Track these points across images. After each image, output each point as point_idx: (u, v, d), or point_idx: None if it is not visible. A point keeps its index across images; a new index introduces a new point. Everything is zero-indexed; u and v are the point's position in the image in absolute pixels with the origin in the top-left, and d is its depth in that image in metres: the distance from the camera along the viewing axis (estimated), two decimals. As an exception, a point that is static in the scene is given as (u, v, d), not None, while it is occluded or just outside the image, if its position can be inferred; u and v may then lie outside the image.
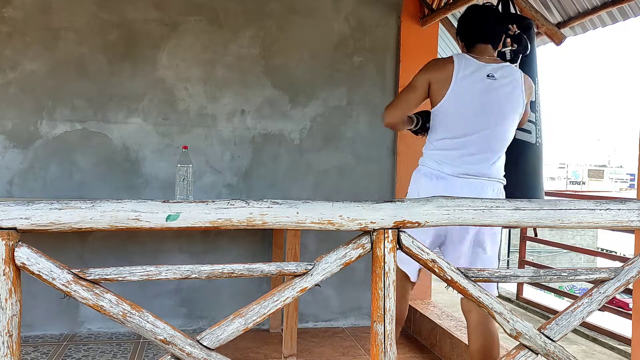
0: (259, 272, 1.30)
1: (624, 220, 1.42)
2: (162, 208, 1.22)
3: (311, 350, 3.23)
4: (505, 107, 2.11)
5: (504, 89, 2.10)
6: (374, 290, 1.33)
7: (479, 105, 2.09)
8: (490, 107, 2.09)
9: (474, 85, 2.08)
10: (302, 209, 1.28)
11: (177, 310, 3.47)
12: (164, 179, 3.43)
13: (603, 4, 2.93)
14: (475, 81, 2.08)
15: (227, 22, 3.51)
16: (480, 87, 2.08)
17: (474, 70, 2.09)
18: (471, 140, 2.10)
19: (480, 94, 2.09)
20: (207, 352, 1.26)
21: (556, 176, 44.04)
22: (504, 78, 2.11)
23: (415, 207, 1.33)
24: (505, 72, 2.13)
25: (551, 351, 1.42)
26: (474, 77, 2.08)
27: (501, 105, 2.10)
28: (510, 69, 2.15)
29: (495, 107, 2.10)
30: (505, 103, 2.11)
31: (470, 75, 2.08)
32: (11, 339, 1.16)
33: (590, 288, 1.47)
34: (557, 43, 2.97)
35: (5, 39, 3.26)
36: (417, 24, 3.79)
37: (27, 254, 1.17)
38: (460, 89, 2.08)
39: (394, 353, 1.34)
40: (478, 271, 1.40)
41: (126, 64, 3.40)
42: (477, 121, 2.09)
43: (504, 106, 2.11)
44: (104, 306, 1.20)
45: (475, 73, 2.09)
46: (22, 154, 3.31)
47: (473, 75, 2.09)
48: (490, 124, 2.10)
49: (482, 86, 2.08)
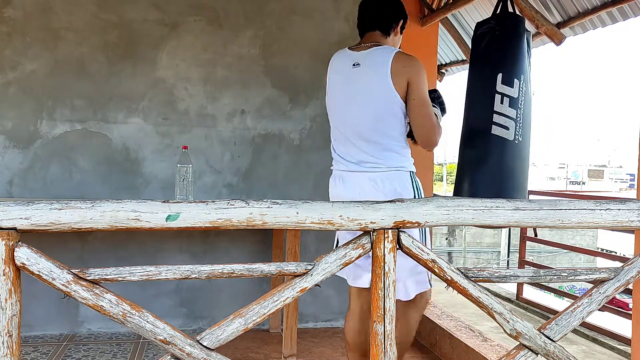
0: (259, 272, 1.30)
1: (624, 220, 1.42)
2: (162, 208, 1.22)
3: (311, 350, 3.23)
4: (369, 93, 2.03)
5: (368, 75, 2.03)
6: (374, 290, 1.33)
7: (344, 96, 2.08)
8: (354, 97, 2.05)
9: (340, 77, 2.10)
10: (302, 209, 1.29)
11: (177, 310, 3.47)
12: (164, 179, 3.43)
13: (603, 4, 2.93)
14: (341, 73, 2.09)
15: (227, 22, 3.51)
16: (343, 79, 2.08)
17: (343, 62, 2.10)
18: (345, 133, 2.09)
19: (344, 85, 2.08)
20: (207, 352, 1.26)
21: (556, 176, 44.02)
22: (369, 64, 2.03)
23: (415, 207, 1.33)
24: (374, 56, 2.04)
25: (551, 351, 1.42)
26: (340, 69, 2.10)
27: (365, 93, 2.03)
28: (380, 51, 2.04)
29: (359, 96, 2.04)
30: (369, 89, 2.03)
31: (338, 68, 2.11)
32: (11, 339, 1.16)
33: (590, 288, 1.47)
34: (557, 43, 2.97)
35: (5, 39, 3.26)
36: (417, 24, 3.79)
37: (27, 254, 1.17)
38: (330, 85, 2.13)
39: (394, 353, 1.34)
40: (478, 271, 1.40)
41: (126, 64, 3.40)
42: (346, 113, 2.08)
43: (368, 93, 2.03)
44: (104, 306, 1.20)
45: (343, 65, 2.09)
46: (22, 154, 3.31)
47: (340, 67, 2.10)
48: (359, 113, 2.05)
49: (346, 77, 2.07)
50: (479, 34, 2.83)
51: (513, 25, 2.75)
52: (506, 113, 2.66)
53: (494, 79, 2.69)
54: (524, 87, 2.72)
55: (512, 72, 2.71)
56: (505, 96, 2.67)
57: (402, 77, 1.99)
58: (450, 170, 35.06)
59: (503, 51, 2.73)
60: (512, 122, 2.67)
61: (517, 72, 2.72)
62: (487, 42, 2.77)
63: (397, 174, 2.05)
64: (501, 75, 2.69)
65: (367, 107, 2.04)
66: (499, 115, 2.66)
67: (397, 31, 2.16)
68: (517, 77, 2.70)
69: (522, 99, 2.71)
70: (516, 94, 2.69)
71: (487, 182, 2.72)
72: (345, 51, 2.14)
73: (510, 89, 2.68)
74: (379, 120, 2.04)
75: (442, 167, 34.62)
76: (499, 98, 2.67)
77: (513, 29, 2.74)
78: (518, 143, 2.68)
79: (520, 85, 2.70)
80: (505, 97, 2.67)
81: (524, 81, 2.73)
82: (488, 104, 2.68)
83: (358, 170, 2.06)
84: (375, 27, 2.12)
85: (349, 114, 2.08)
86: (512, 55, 2.72)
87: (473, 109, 2.82)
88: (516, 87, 2.69)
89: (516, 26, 2.75)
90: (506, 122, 2.66)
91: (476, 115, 2.78)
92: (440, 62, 4.70)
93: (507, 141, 2.66)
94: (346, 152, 2.10)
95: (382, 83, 2.00)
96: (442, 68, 4.80)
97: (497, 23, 2.78)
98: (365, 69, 2.04)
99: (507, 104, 2.67)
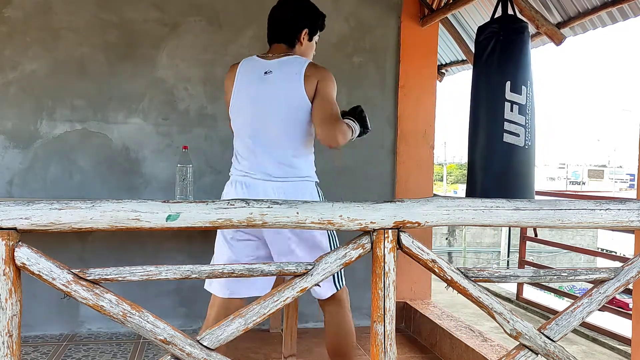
0: (259, 272, 1.30)
1: (624, 220, 1.42)
2: (162, 208, 1.22)
3: (311, 350, 3.23)
4: (281, 99, 2.01)
5: (281, 82, 2.01)
6: (374, 290, 1.33)
7: (254, 103, 2.03)
8: (265, 103, 2.02)
9: (249, 84, 2.05)
10: (302, 209, 1.29)
11: (177, 310, 3.47)
12: (164, 179, 3.43)
13: (603, 4, 2.92)
14: (251, 80, 2.05)
15: (227, 22, 3.50)
16: (253, 85, 2.04)
17: (252, 70, 2.06)
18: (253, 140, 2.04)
19: (254, 91, 2.04)
20: (207, 352, 1.26)
21: (556, 176, 44.02)
22: (283, 71, 2.02)
23: (415, 207, 1.33)
24: (286, 64, 2.04)
25: (551, 351, 1.42)
26: (249, 76, 2.05)
27: (277, 98, 2.01)
28: (293, 60, 2.04)
29: (271, 102, 2.01)
30: (281, 95, 2.01)
31: (247, 75, 2.06)
32: (11, 339, 1.16)
33: (590, 288, 1.47)
34: (557, 43, 2.97)
35: (5, 39, 3.26)
36: (417, 24, 3.79)
37: (27, 254, 1.17)
38: (236, 92, 2.06)
39: (394, 353, 1.34)
40: (478, 271, 1.40)
41: (126, 64, 3.40)
42: (255, 119, 2.04)
43: (279, 99, 2.01)
44: (104, 306, 1.20)
45: (252, 72, 2.06)
46: (22, 154, 3.31)
47: (250, 74, 2.06)
48: (269, 119, 2.02)
49: (256, 84, 2.03)
50: (483, 39, 2.85)
51: (518, 31, 2.78)
52: (516, 120, 2.72)
53: (503, 87, 2.74)
54: (530, 93, 2.77)
55: (520, 79, 2.75)
56: (514, 104, 2.73)
57: (312, 83, 2.00)
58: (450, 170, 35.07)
59: (510, 58, 2.77)
60: (522, 129, 2.73)
61: (524, 79, 2.76)
62: (492, 47, 2.80)
63: (303, 184, 2.05)
64: (509, 83, 2.73)
65: (278, 113, 2.01)
66: (510, 123, 2.73)
67: (302, 41, 2.13)
68: (524, 84, 2.75)
69: (529, 105, 2.76)
70: (524, 101, 2.73)
71: (499, 188, 2.77)
72: (253, 59, 2.10)
73: (518, 97, 2.73)
74: (289, 126, 2.02)
75: (442, 167, 34.62)
76: (509, 106, 2.73)
77: (518, 35, 2.77)
78: (527, 148, 2.75)
79: (528, 91, 2.75)
80: (515, 104, 2.73)
81: (530, 86, 2.77)
82: (498, 112, 2.75)
83: (264, 179, 2.02)
84: (280, 40, 2.11)
85: (258, 120, 2.03)
86: (518, 62, 2.76)
87: (483, 116, 2.87)
88: (524, 94, 2.74)
89: (521, 31, 2.78)
90: (517, 129, 2.72)
91: (487, 124, 2.83)
92: (440, 62, 4.70)
93: (518, 147, 2.72)
94: (252, 159, 2.04)
95: (294, 88, 1.99)
96: (442, 68, 4.79)
97: (501, 27, 2.79)
98: (278, 75, 2.02)
99: (517, 112, 2.73)
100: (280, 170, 2.02)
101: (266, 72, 2.03)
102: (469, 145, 2.94)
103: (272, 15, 2.14)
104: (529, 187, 2.80)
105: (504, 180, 2.78)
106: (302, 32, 2.11)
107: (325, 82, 2.01)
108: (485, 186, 2.83)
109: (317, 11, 2.17)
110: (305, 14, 2.13)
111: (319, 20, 2.17)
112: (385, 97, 3.71)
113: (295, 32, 2.10)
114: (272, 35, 2.13)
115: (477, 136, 2.90)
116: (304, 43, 2.14)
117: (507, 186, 2.77)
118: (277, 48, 2.10)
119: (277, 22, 2.12)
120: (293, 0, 2.14)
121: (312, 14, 2.15)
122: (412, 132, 3.77)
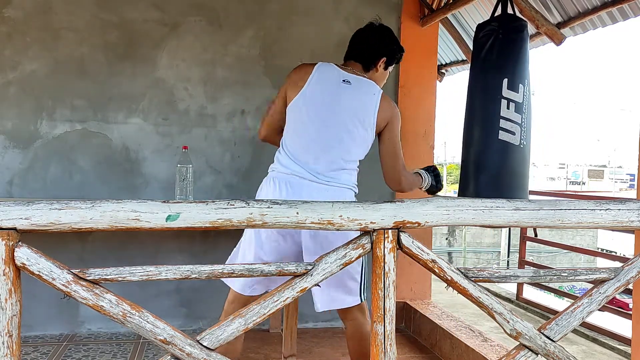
0: (259, 272, 1.30)
1: (624, 220, 1.42)
2: (162, 208, 1.22)
3: (311, 350, 3.23)
4: (354, 112, 2.06)
5: (358, 96, 2.07)
6: (374, 290, 1.33)
7: (327, 106, 2.06)
8: (338, 110, 2.06)
9: (325, 87, 2.08)
10: (302, 209, 1.29)
11: (177, 310, 3.47)
12: (164, 179, 3.43)
13: (603, 4, 2.92)
14: (328, 84, 2.08)
15: (227, 22, 3.51)
16: (329, 90, 2.08)
17: (331, 74, 2.10)
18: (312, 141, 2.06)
19: (329, 95, 2.07)
20: (207, 352, 1.26)
21: (556, 176, 44.01)
22: (360, 88, 2.09)
23: (415, 207, 1.33)
24: (363, 83, 2.11)
25: (551, 351, 1.42)
26: (327, 80, 2.09)
27: (351, 110, 2.06)
28: (369, 83, 2.12)
29: (344, 111, 2.06)
30: (356, 109, 2.07)
31: (325, 78, 2.09)
32: (11, 339, 1.16)
33: (590, 288, 1.47)
34: (557, 43, 2.97)
35: (5, 39, 3.26)
36: (417, 24, 3.79)
37: (27, 254, 1.17)
38: (309, 89, 2.08)
39: (394, 353, 1.34)
40: (478, 271, 1.40)
41: (126, 64, 3.40)
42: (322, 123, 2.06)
43: (353, 111, 2.06)
44: (104, 306, 1.20)
45: (330, 76, 2.10)
46: (22, 154, 3.31)
47: (328, 78, 2.09)
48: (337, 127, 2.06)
49: (333, 89, 2.07)
50: (482, 37, 2.84)
51: (517, 29, 2.77)
52: (512, 118, 2.70)
53: (500, 84, 2.72)
54: (527, 91, 2.75)
55: (517, 77, 2.73)
56: (511, 101, 2.71)
57: (384, 117, 2.09)
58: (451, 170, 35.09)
59: (508, 56, 2.75)
60: (517, 127, 2.71)
61: (522, 77, 2.74)
62: (490, 45, 2.78)
63: (347, 191, 2.10)
64: (506, 81, 2.72)
65: (347, 124, 2.06)
66: (506, 121, 2.71)
67: (378, 68, 2.20)
68: (522, 82, 2.73)
69: (526, 104, 2.74)
70: (521, 99, 2.72)
71: (493, 186, 2.75)
72: (331, 65, 2.14)
73: (515, 94, 2.72)
74: (353, 139, 2.07)
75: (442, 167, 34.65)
76: (505, 103, 2.71)
77: (517, 33, 2.76)
78: (523, 147, 2.73)
79: (525, 90, 2.74)
80: (511, 102, 2.71)
81: (527, 85, 2.76)
82: (494, 110, 2.72)
83: (312, 180, 2.04)
84: (358, 59, 2.19)
85: (325, 123, 2.06)
86: (517, 60, 2.74)
87: (478, 113, 2.84)
88: (521, 92, 2.72)
89: (521, 30, 2.77)
90: (512, 127, 2.70)
91: (482, 120, 2.81)
92: (440, 62, 4.70)
93: (514, 146, 2.71)
94: (305, 159, 2.05)
95: (368, 108, 2.07)
96: (442, 68, 4.79)
97: (500, 25, 2.79)
98: (356, 88, 2.08)
99: (513, 109, 2.71)
100: (329, 174, 2.06)
101: (344, 80, 2.09)
102: (463, 142, 2.91)
103: (358, 35, 2.23)
104: (523, 186, 2.78)
105: (498, 179, 2.76)
106: (380, 59, 2.20)
107: (397, 121, 2.14)
108: (479, 184, 2.81)
109: (399, 45, 2.27)
110: (389, 44, 2.23)
111: (397, 54, 2.26)
112: (385, 97, 3.70)
113: (375, 57, 2.19)
114: (353, 53, 2.21)
115: (472, 133, 2.87)
116: (379, 70, 2.22)
117: (501, 185, 2.75)
118: (353, 65, 2.18)
119: (361, 43, 2.21)
120: (382, 28, 2.23)
121: (394, 46, 2.25)
122: (412, 132, 3.77)
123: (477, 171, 2.82)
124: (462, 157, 2.93)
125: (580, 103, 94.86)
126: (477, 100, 2.86)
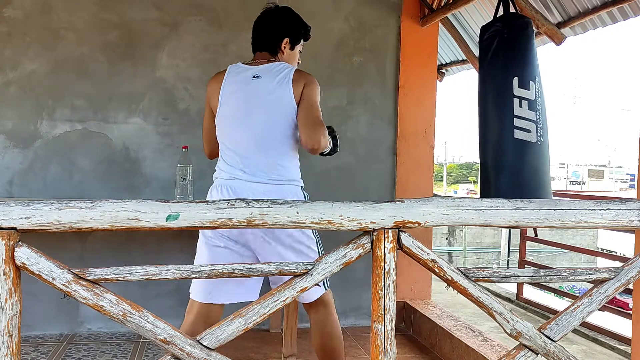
0: (259, 272, 1.30)
1: (624, 220, 1.42)
2: (162, 208, 1.22)
3: (311, 350, 3.22)
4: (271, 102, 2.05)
5: (271, 85, 2.06)
6: (374, 290, 1.33)
7: (243, 107, 2.07)
8: (255, 106, 2.06)
9: (237, 90, 2.09)
10: (302, 209, 1.29)
11: (177, 310, 3.46)
12: (164, 179, 3.43)
13: (603, 4, 2.92)
14: (239, 86, 2.09)
15: (227, 22, 3.50)
16: (242, 91, 2.08)
17: (240, 76, 2.11)
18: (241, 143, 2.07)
19: (243, 96, 2.08)
20: (207, 352, 1.26)
21: (556, 176, 43.97)
22: (271, 75, 2.08)
23: (415, 207, 1.33)
24: (274, 69, 2.10)
25: (551, 351, 1.42)
26: (237, 83, 2.10)
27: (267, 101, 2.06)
28: (280, 65, 2.11)
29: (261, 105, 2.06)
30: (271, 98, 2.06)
31: (235, 81, 2.10)
32: (11, 339, 1.16)
33: (590, 288, 1.47)
34: (557, 43, 2.96)
35: (5, 39, 3.26)
36: (417, 24, 3.79)
37: (27, 254, 1.17)
38: (223, 99, 2.10)
39: (394, 353, 1.34)
40: (478, 271, 1.40)
41: (126, 64, 3.40)
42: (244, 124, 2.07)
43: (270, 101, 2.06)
44: (104, 306, 1.20)
45: (240, 78, 2.10)
46: (22, 154, 3.31)
47: (237, 80, 2.10)
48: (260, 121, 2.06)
49: (245, 89, 2.08)
50: (487, 38, 2.83)
51: (522, 27, 2.76)
52: (526, 116, 2.69)
53: (510, 83, 2.71)
54: (539, 88, 2.74)
55: (527, 74, 2.72)
56: (523, 99, 2.70)
57: (299, 87, 2.06)
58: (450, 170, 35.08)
59: (515, 54, 2.75)
60: (533, 125, 2.69)
61: (532, 74, 2.73)
62: (496, 45, 2.78)
63: (289, 187, 2.08)
64: (517, 79, 2.71)
65: (267, 116, 2.05)
66: (520, 119, 2.70)
67: (284, 50, 2.19)
68: (532, 79, 2.72)
69: (539, 101, 2.73)
70: (533, 96, 2.71)
71: (513, 186, 2.74)
72: (239, 65, 2.15)
73: (527, 92, 2.70)
74: (277, 129, 2.06)
75: (442, 167, 34.61)
76: (518, 102, 2.70)
77: (522, 31, 2.75)
78: (540, 144, 2.71)
79: (536, 87, 2.72)
80: (524, 100, 2.70)
81: (539, 82, 2.74)
82: (507, 109, 2.71)
83: (251, 181, 2.03)
84: (263, 48, 2.19)
85: (247, 123, 2.06)
86: (524, 58, 2.73)
87: (492, 115, 2.83)
88: (533, 89, 2.71)
89: (525, 27, 2.76)
90: (527, 125, 2.69)
91: (496, 121, 2.79)
92: (440, 62, 4.70)
93: (531, 144, 2.69)
94: (239, 161, 2.06)
95: (283, 92, 2.05)
96: (442, 68, 4.79)
97: (504, 25, 2.78)
98: (266, 79, 2.07)
99: (527, 107, 2.70)
100: (266, 172, 2.04)
101: (254, 76, 2.09)
102: (479, 145, 2.90)
103: (255, 25, 2.23)
104: (544, 184, 2.73)
105: (519, 178, 2.74)
106: (282, 41, 2.18)
107: (311, 87, 2.08)
108: (500, 185, 2.78)
109: (298, 22, 2.23)
110: (286, 24, 2.20)
111: (301, 30, 2.23)
112: (385, 97, 3.71)
113: (277, 40, 2.18)
114: (256, 43, 2.21)
115: (488, 135, 2.85)
116: (286, 52, 2.20)
117: (522, 184, 2.72)
118: (261, 56, 2.17)
119: (259, 31, 2.20)
120: (275, 10, 2.22)
121: (293, 24, 2.22)
122: (412, 132, 3.77)
123: (497, 172, 2.81)
124: (480, 159, 2.93)
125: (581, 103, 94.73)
126: (489, 102, 2.85)
